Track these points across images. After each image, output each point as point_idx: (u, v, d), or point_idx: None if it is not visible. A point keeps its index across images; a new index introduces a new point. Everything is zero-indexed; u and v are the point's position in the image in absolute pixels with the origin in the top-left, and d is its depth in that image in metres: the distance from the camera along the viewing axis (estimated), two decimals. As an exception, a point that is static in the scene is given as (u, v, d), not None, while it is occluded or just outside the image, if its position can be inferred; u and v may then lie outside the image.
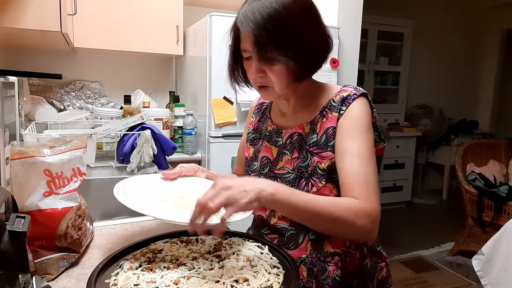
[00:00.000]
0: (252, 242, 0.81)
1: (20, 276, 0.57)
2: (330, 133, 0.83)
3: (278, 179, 0.89)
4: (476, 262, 2.09)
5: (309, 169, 0.84)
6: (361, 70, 3.28)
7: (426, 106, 4.55)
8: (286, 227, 0.88)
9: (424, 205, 4.41)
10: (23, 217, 0.59)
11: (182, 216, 0.74)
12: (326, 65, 2.29)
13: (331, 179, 0.83)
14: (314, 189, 0.83)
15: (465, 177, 3.05)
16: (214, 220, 0.67)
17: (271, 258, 0.73)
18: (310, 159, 0.85)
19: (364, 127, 0.81)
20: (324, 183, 0.83)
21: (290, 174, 0.87)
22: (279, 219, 0.89)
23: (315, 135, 0.85)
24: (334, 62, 2.29)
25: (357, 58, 2.42)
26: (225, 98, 2.08)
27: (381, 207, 0.78)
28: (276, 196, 0.68)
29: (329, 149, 0.83)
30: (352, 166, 0.78)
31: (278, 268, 0.70)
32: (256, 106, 1.06)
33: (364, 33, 3.71)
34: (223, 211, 0.65)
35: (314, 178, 0.84)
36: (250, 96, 1.79)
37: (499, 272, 1.96)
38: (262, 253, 0.75)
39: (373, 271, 0.89)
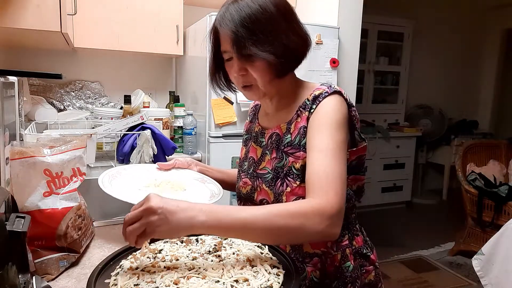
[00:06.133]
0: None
1: (20, 276, 0.57)
2: (302, 132, 0.84)
3: (260, 178, 0.90)
4: (476, 262, 2.09)
5: (284, 169, 0.85)
6: (361, 70, 3.28)
7: (426, 106, 4.55)
8: None
9: (424, 205, 4.41)
10: (23, 217, 0.59)
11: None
12: (326, 65, 2.31)
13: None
14: (289, 189, 0.83)
15: (465, 177, 3.05)
16: None
17: (271, 258, 0.73)
18: (286, 159, 0.85)
19: (332, 123, 0.79)
20: (298, 183, 0.82)
21: (269, 175, 0.88)
22: None
23: (289, 135, 0.86)
24: (334, 62, 2.29)
25: (357, 58, 2.42)
26: (225, 98, 2.08)
27: (344, 205, 0.73)
28: (207, 223, 0.65)
29: (301, 149, 0.83)
30: (315, 163, 0.76)
31: (278, 268, 0.70)
32: (251, 108, 1.09)
33: (364, 33, 3.71)
34: None
35: (289, 178, 0.83)
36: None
37: (499, 272, 1.96)
38: (262, 253, 0.75)
39: (356, 274, 0.87)
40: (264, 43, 0.79)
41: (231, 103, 2.09)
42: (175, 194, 0.98)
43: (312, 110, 0.83)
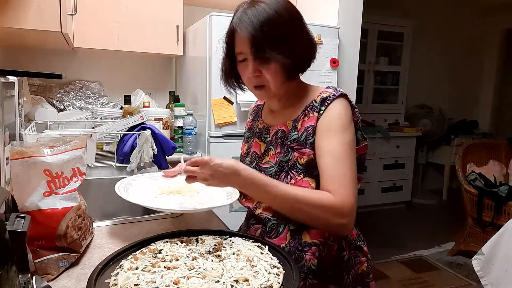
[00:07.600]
0: (252, 242, 0.81)
1: (20, 276, 0.56)
2: (309, 131, 0.89)
3: (263, 172, 0.95)
4: (476, 262, 2.09)
5: (289, 163, 0.90)
6: (361, 70, 3.28)
7: (426, 106, 4.55)
8: (269, 217, 0.94)
9: (424, 205, 4.41)
10: (23, 217, 0.59)
11: (168, 204, 0.94)
12: (326, 65, 2.30)
13: (310, 173, 0.88)
14: (293, 181, 0.89)
15: (465, 177, 3.05)
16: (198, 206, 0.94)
17: (271, 258, 0.74)
18: (291, 154, 0.91)
19: (340, 127, 0.86)
20: (302, 176, 0.88)
21: (272, 168, 0.94)
22: (263, 209, 0.95)
23: (295, 132, 0.92)
24: (334, 62, 2.29)
25: (357, 58, 2.42)
26: (225, 98, 2.08)
27: (356, 203, 0.84)
28: (241, 185, 0.84)
29: (307, 146, 0.88)
30: (327, 165, 0.85)
31: (278, 268, 0.70)
32: (253, 108, 1.14)
33: (364, 33, 3.71)
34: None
35: (293, 172, 0.90)
36: (250, 96, 1.78)
37: (499, 272, 1.96)
38: (262, 253, 0.75)
39: (351, 264, 0.93)
40: (280, 46, 0.85)
41: (231, 103, 2.09)
42: (190, 197, 1.03)
43: (321, 112, 0.88)
